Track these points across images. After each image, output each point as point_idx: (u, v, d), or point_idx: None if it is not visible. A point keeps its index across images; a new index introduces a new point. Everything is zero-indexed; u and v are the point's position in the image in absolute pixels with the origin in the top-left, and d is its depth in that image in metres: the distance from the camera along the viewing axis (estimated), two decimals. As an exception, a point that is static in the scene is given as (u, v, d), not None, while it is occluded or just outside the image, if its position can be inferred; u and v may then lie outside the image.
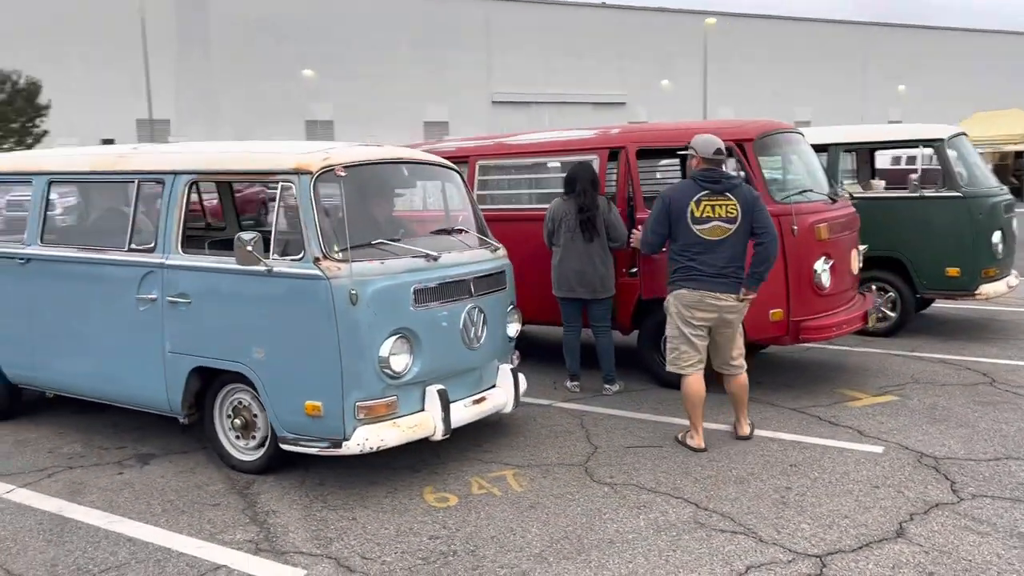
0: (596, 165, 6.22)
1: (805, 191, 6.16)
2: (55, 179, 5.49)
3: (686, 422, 5.21)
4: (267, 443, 4.66)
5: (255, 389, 4.54)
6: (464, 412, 4.76)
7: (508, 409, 5.11)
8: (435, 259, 4.62)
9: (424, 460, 4.92)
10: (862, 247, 6.79)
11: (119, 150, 5.47)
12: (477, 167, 6.96)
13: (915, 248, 7.70)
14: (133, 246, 4.96)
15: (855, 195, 7.95)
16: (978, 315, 9.14)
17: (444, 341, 4.62)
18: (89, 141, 50.91)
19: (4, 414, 5.86)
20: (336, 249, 4.30)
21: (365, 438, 4.28)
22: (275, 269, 4.37)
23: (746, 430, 5.26)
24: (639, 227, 5.67)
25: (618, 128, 6.69)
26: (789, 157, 6.65)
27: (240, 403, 4.74)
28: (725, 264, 4.90)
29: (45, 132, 41.62)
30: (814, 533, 3.90)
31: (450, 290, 4.64)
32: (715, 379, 5.22)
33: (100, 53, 51.83)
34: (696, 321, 4.97)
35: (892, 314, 7.94)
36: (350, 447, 4.27)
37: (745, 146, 5.92)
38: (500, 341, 5.12)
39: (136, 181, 5.03)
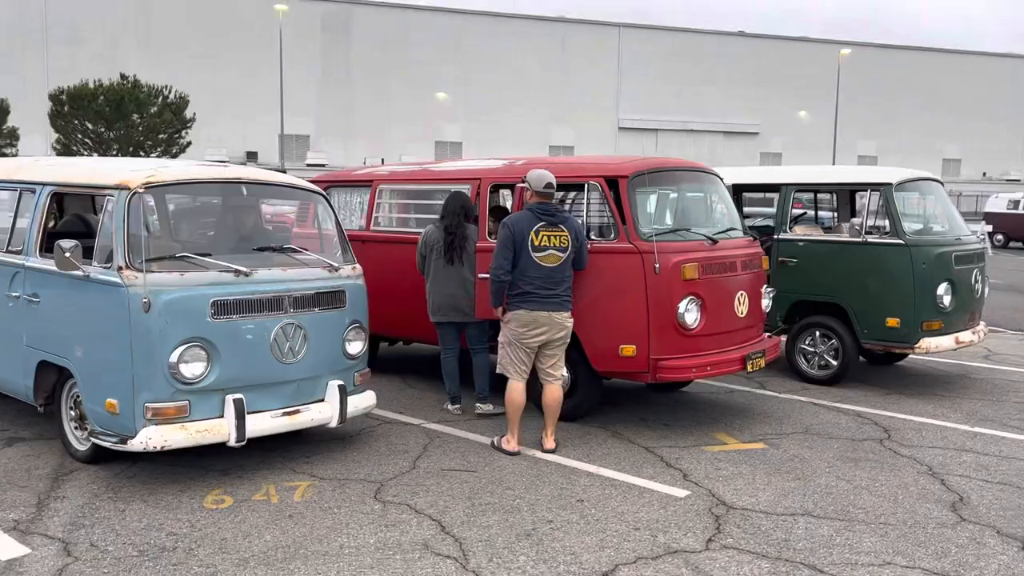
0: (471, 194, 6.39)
1: (679, 230, 6.09)
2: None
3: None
4: (94, 435, 5.07)
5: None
6: (271, 423, 5.02)
7: (333, 424, 5.32)
8: (246, 275, 4.92)
9: (242, 465, 5.21)
10: (768, 289, 6.62)
11: (23, 161, 6.07)
12: (377, 191, 7.25)
13: (857, 295, 7.40)
14: (10, 248, 5.52)
15: (801, 238, 7.75)
16: (960, 370, 8.61)
17: (248, 353, 4.90)
18: (236, 153, 54.51)
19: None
20: (140, 260, 4.67)
21: (149, 437, 4.61)
22: (91, 275, 4.79)
23: (550, 444, 5.60)
24: None
25: (523, 161, 6.79)
26: (670, 196, 6.59)
27: (78, 396, 5.18)
28: (556, 287, 5.49)
29: (189, 143, 44.49)
30: (522, 566, 3.93)
31: (258, 305, 4.92)
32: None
33: (247, 71, 55.26)
34: (528, 338, 5.49)
35: (834, 362, 7.62)
36: (135, 444, 4.62)
37: (619, 183, 5.94)
38: (330, 358, 5.34)
39: (19, 190, 5.60)
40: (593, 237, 6.01)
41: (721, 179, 6.79)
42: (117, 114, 41.54)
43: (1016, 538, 4.39)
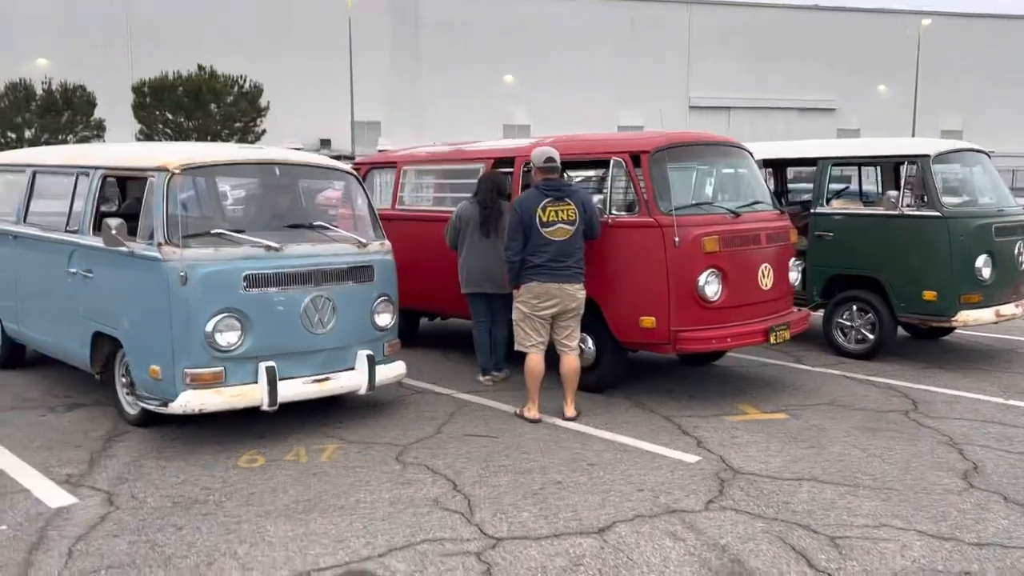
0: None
1: (701, 204, 6.18)
2: (39, 170, 6.62)
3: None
4: (143, 400, 5.47)
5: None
6: (302, 388, 5.33)
7: (362, 391, 5.61)
8: (276, 250, 5.23)
9: (277, 429, 5.54)
10: (796, 262, 6.66)
11: (79, 148, 6.50)
12: (402, 172, 7.53)
13: (893, 269, 7.36)
14: (68, 228, 5.95)
15: (838, 211, 7.73)
16: (1007, 344, 8.47)
17: (279, 324, 5.22)
18: (310, 141, 55.72)
19: (8, 364, 7.09)
20: (178, 236, 5.02)
21: (188, 401, 4.97)
22: (135, 251, 5.16)
23: (571, 412, 5.82)
24: None
25: (551, 139, 6.94)
26: (694, 169, 6.65)
27: (128, 364, 5.58)
28: (567, 259, 5.69)
29: (263, 132, 45.58)
30: (524, 521, 4.15)
31: (288, 278, 5.23)
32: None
33: (321, 60, 56.23)
34: (541, 310, 5.71)
35: (871, 336, 7.59)
36: (174, 407, 4.99)
37: (641, 158, 6.06)
38: (359, 329, 5.62)
39: (76, 174, 6.02)
40: (617, 212, 6.14)
41: (751, 153, 6.84)
42: (195, 104, 42.92)
43: (1022, 504, 4.41)
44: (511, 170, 6.85)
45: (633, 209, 6.13)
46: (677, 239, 5.85)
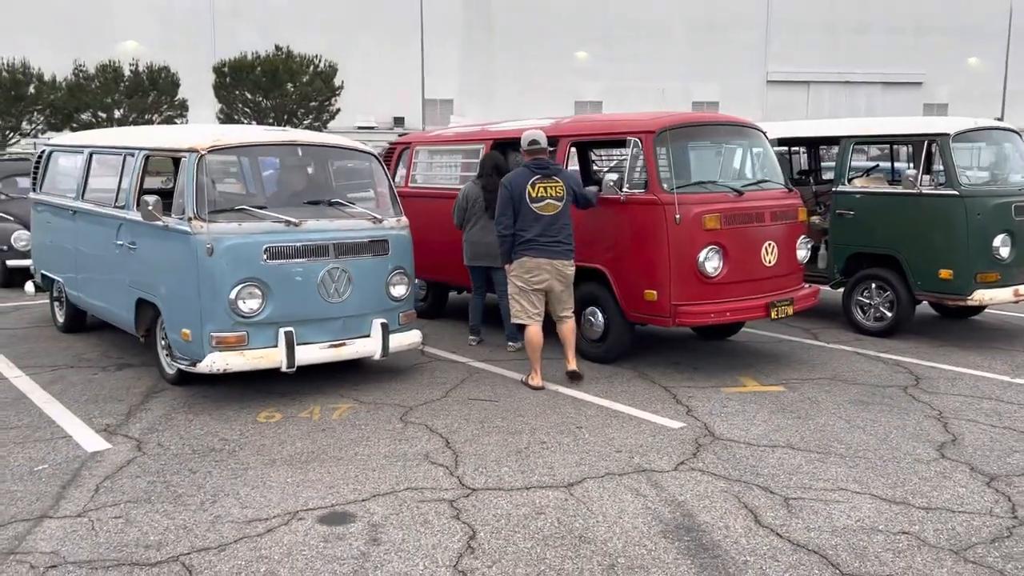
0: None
1: (705, 182, 6.40)
2: (95, 151, 7.22)
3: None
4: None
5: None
6: (319, 353, 5.79)
7: (377, 356, 6.03)
8: (295, 224, 5.68)
9: (299, 390, 6.02)
10: (805, 239, 6.81)
11: (125, 130, 7.06)
12: (415, 152, 7.96)
13: (911, 247, 7.43)
14: (116, 203, 6.52)
15: (858, 190, 7.81)
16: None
17: (298, 293, 5.67)
18: (384, 119, 56.66)
19: (73, 329, 7.77)
20: (206, 211, 5.52)
21: (214, 361, 5.48)
22: (169, 225, 5.68)
23: (573, 365, 6.26)
24: None
25: (568, 119, 7.24)
26: (698, 149, 6.84)
27: (165, 328, 6.13)
28: (558, 235, 6.05)
29: (338, 110, 46.55)
30: (500, 475, 4.51)
31: (306, 251, 5.68)
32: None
33: (394, 38, 56.95)
34: (534, 284, 6.08)
35: (889, 314, 7.68)
36: (201, 367, 5.50)
37: (643, 139, 6.30)
38: (374, 299, 6.04)
39: (123, 154, 6.58)
40: (627, 188, 6.40)
41: (763, 132, 7.00)
42: (272, 84, 44.15)
43: (985, 474, 4.57)
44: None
45: (641, 187, 6.38)
46: (678, 216, 6.09)
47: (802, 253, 6.81)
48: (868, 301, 7.82)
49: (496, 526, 3.92)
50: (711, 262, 6.18)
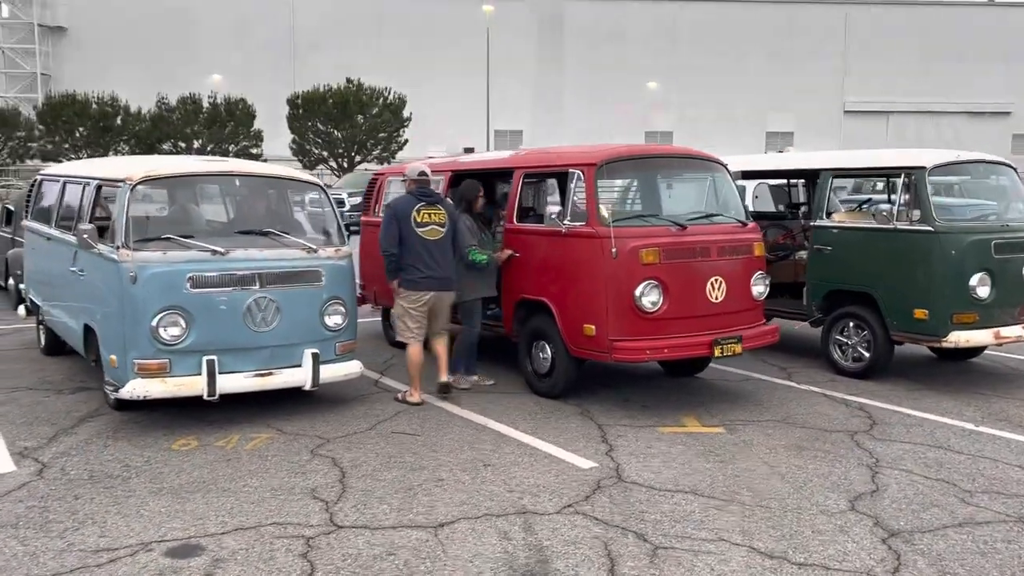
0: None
1: (646, 216, 6.23)
2: (68, 180, 7.46)
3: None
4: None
5: (106, 343, 6.02)
6: (243, 382, 5.81)
7: (307, 387, 6.02)
8: (222, 254, 5.74)
9: (231, 418, 6.04)
10: (760, 275, 6.55)
11: (89, 162, 7.30)
12: (385, 183, 7.99)
13: (886, 285, 7.07)
14: (73, 231, 6.70)
15: (835, 225, 7.51)
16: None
17: (222, 321, 5.72)
18: (454, 149, 57.39)
19: (54, 351, 8.01)
20: (132, 240, 5.63)
21: (134, 387, 5.56)
22: (101, 253, 5.81)
23: (445, 377, 6.62)
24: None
25: (524, 152, 7.18)
26: (645, 182, 6.67)
27: (106, 353, 6.25)
28: (441, 261, 6.41)
29: (406, 141, 47.39)
30: (375, 513, 4.43)
31: (231, 280, 5.72)
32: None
33: (465, 70, 57.71)
34: (417, 310, 6.46)
35: (867, 355, 7.31)
36: (123, 392, 5.59)
37: (584, 171, 6.18)
38: (305, 328, 6.04)
39: (83, 184, 6.77)
40: (569, 221, 6.28)
41: (722, 165, 6.80)
42: (343, 115, 45.29)
43: (887, 530, 4.28)
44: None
45: (582, 220, 6.26)
46: (615, 250, 5.94)
47: (758, 289, 6.55)
48: (846, 341, 7.47)
49: (338, 566, 3.83)
50: (648, 297, 5.99)
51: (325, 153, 46.03)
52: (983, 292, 6.77)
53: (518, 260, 6.72)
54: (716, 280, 6.22)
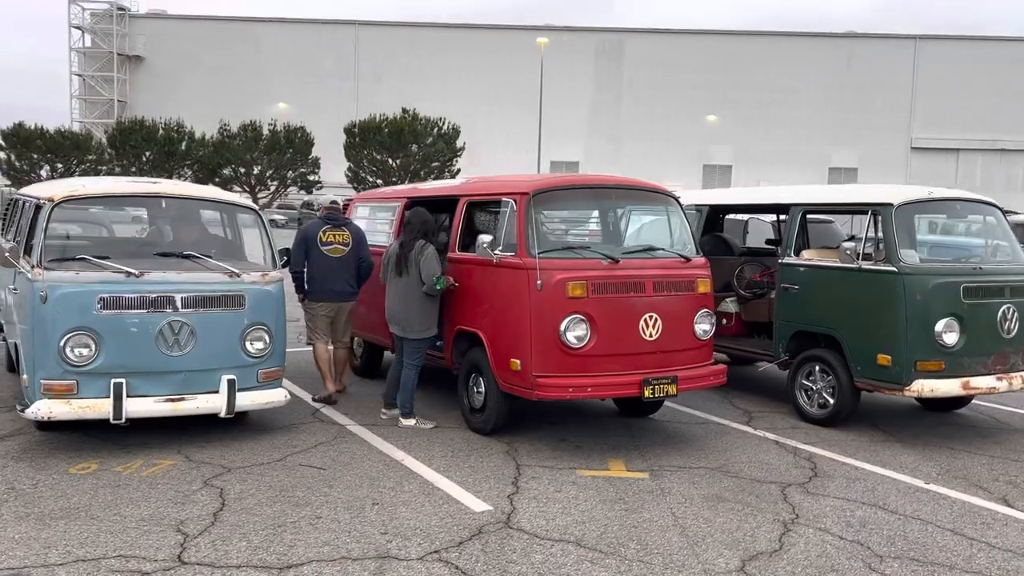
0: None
1: (576, 248, 5.97)
2: (26, 200, 7.53)
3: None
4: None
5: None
6: (153, 406, 5.70)
7: (222, 414, 5.88)
8: (136, 275, 5.67)
9: (145, 441, 5.94)
10: (705, 312, 6.22)
11: (40, 184, 7.36)
12: (353, 208, 7.89)
13: (850, 327, 6.66)
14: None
15: (803, 263, 7.12)
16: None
17: (133, 344, 5.63)
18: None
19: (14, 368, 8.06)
20: (46, 260, 5.60)
21: (39, 408, 5.49)
22: (20, 271, 5.81)
23: (341, 383, 7.49)
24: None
25: (473, 180, 7.00)
26: (581, 213, 6.40)
27: (35, 373, 6.22)
28: (343, 276, 7.19)
29: (459, 170, 47.72)
30: (228, 551, 4.24)
31: (144, 302, 5.64)
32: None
33: (520, 100, 57.95)
34: (320, 317, 7.27)
35: (831, 401, 6.88)
36: (28, 413, 5.53)
37: (516, 200, 5.97)
38: (223, 354, 5.91)
39: (33, 204, 6.80)
40: (500, 252, 6.05)
41: (672, 196, 6.51)
42: (397, 144, 45.86)
43: (765, 595, 3.91)
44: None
45: (513, 250, 6.03)
46: (540, 282, 5.70)
47: (703, 328, 6.21)
48: (811, 385, 7.05)
49: (156, 605, 3.65)
50: (574, 332, 5.72)
51: (380, 181, 46.57)
52: (950, 339, 6.31)
53: (458, 290, 6.51)
54: (651, 317, 5.92)
